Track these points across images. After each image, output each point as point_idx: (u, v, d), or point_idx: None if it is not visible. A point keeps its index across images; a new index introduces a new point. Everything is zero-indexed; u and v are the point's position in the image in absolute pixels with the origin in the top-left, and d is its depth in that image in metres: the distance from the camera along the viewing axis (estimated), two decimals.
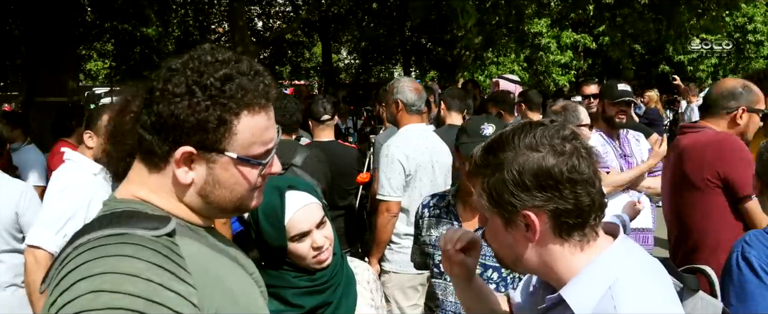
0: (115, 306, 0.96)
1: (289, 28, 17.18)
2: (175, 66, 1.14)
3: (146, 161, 1.17)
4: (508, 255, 1.26)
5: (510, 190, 1.16)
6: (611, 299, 1.13)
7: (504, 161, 1.17)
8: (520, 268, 1.28)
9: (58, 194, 2.89)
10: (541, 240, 1.19)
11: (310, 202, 1.75)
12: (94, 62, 24.42)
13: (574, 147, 1.16)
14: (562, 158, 1.15)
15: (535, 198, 1.15)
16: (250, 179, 1.18)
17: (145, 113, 1.15)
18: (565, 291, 1.19)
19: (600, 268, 1.18)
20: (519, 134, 1.19)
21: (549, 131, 1.18)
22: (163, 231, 1.09)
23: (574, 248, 1.20)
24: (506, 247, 1.25)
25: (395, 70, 25.82)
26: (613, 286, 1.15)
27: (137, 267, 1.00)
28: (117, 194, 1.20)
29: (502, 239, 1.24)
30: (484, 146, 1.25)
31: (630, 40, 15.03)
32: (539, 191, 1.14)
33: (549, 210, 1.15)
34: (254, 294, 1.26)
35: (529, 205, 1.16)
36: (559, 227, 1.17)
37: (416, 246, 2.61)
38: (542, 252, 1.21)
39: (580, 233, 1.19)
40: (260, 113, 1.16)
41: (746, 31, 22.85)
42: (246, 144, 1.15)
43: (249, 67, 1.16)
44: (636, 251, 1.26)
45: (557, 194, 1.14)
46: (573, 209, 1.15)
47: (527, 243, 1.20)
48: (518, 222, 1.19)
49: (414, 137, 3.71)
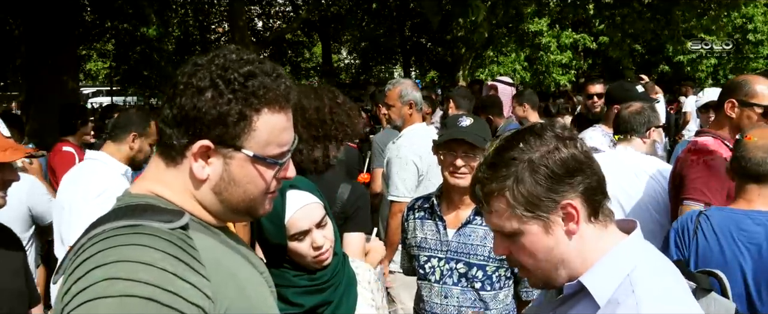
0: (129, 293, 0.96)
1: (289, 28, 17.21)
2: (201, 62, 1.16)
3: (164, 155, 1.19)
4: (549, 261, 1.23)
5: (545, 186, 1.18)
6: (630, 285, 1.16)
7: (522, 165, 1.19)
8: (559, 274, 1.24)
9: (97, 197, 2.93)
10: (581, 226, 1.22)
11: (311, 202, 1.75)
12: (94, 62, 24.42)
13: (572, 134, 1.24)
14: (570, 141, 1.21)
15: (568, 185, 1.19)
16: (266, 180, 1.19)
17: (167, 106, 1.16)
18: (585, 277, 1.21)
19: (620, 256, 1.21)
20: (521, 137, 1.22)
21: (546, 126, 1.24)
22: (177, 224, 1.10)
23: (598, 230, 1.24)
24: (547, 253, 1.22)
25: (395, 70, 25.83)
26: (631, 274, 1.18)
27: (152, 257, 1.01)
28: (131, 189, 1.21)
29: (542, 246, 1.22)
30: (487, 163, 1.24)
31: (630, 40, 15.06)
32: (570, 177, 1.19)
33: (581, 192, 1.20)
34: (265, 292, 1.27)
35: (567, 193, 1.19)
36: (593, 205, 1.22)
37: (404, 251, 2.60)
38: (578, 242, 1.22)
39: (603, 213, 1.24)
40: (280, 113, 1.18)
41: (746, 31, 22.84)
42: (263, 143, 1.16)
43: (272, 68, 1.18)
44: (650, 246, 1.30)
45: (583, 174, 1.20)
46: (597, 185, 1.22)
47: (569, 239, 1.22)
48: (556, 218, 1.20)
49: (420, 136, 3.73)
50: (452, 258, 2.35)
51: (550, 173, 1.18)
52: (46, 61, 8.31)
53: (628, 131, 3.23)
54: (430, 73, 22.92)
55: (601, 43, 19.95)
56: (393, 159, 3.70)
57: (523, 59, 20.17)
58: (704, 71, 23.40)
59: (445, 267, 2.35)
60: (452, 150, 2.30)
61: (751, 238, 2.10)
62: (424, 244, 2.42)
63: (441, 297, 2.35)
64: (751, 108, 2.72)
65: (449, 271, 2.34)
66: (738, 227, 2.13)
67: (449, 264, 2.35)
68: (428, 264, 2.39)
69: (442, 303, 2.35)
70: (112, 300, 0.96)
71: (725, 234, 2.16)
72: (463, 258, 2.33)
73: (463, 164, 2.28)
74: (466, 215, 2.37)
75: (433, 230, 2.41)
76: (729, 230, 2.15)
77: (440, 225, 2.39)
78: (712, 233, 2.19)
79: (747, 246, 2.10)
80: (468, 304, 2.32)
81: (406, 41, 21.47)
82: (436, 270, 2.37)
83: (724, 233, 2.16)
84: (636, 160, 3.16)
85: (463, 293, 2.33)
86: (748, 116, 2.73)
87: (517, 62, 19.81)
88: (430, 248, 2.40)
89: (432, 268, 2.38)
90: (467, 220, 2.35)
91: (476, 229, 2.34)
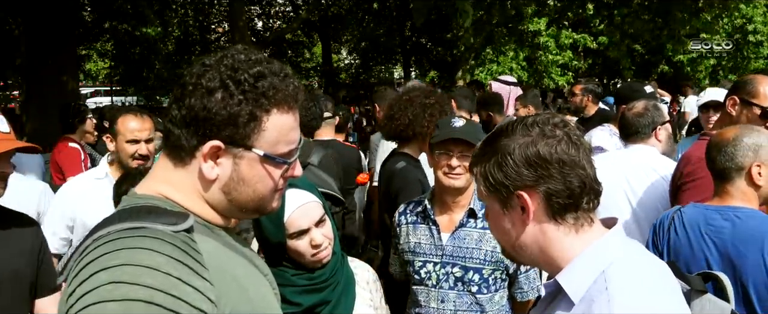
0: (133, 297, 0.97)
1: (289, 28, 17.21)
2: (209, 62, 1.16)
3: (172, 156, 1.19)
4: (507, 241, 1.31)
5: (503, 171, 1.24)
6: (604, 281, 1.16)
7: (498, 147, 1.26)
8: (519, 255, 1.31)
9: None
10: (536, 221, 1.24)
11: (310, 200, 1.76)
12: (93, 62, 24.42)
13: (564, 133, 1.24)
14: (551, 140, 1.22)
15: (526, 178, 1.22)
16: (274, 178, 1.20)
17: (175, 107, 1.16)
18: (561, 276, 1.22)
19: (595, 253, 1.22)
20: (513, 124, 1.28)
21: (541, 119, 1.26)
22: (182, 227, 1.10)
23: (568, 230, 1.24)
24: (505, 232, 1.30)
25: (395, 70, 25.84)
26: (606, 270, 1.18)
27: (157, 260, 1.02)
28: (138, 189, 1.21)
29: (500, 223, 1.30)
30: (484, 139, 1.34)
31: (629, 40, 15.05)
32: (529, 170, 1.21)
33: (541, 190, 1.22)
34: (268, 295, 1.28)
35: (521, 185, 1.22)
36: (551, 207, 1.22)
37: (395, 256, 2.57)
38: (538, 235, 1.25)
39: (574, 216, 1.23)
40: (288, 113, 1.19)
41: (746, 32, 22.83)
42: (272, 142, 1.17)
43: (280, 68, 1.19)
44: (635, 243, 1.30)
45: (546, 174, 1.21)
46: (563, 189, 1.21)
47: (524, 225, 1.25)
48: (514, 204, 1.25)
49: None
50: (448, 262, 2.33)
51: (512, 161, 1.23)
52: (46, 61, 8.32)
53: (633, 134, 3.23)
54: (430, 74, 22.92)
55: (600, 44, 19.94)
56: (377, 151, 3.95)
57: (523, 59, 20.16)
58: (704, 71, 23.40)
59: (440, 271, 2.33)
60: (448, 150, 2.29)
61: (717, 233, 2.14)
62: (418, 249, 2.39)
63: (438, 302, 2.33)
64: (750, 108, 2.71)
65: (445, 275, 2.33)
66: (706, 222, 2.18)
67: (445, 268, 2.33)
68: (424, 269, 2.37)
69: (438, 307, 2.33)
70: (116, 304, 0.96)
71: (694, 228, 2.20)
72: (458, 262, 2.32)
73: (458, 164, 2.27)
74: (459, 218, 2.35)
75: (426, 234, 2.39)
76: (698, 224, 2.19)
77: (434, 229, 2.37)
78: (682, 228, 2.24)
79: (713, 240, 2.14)
80: (465, 308, 2.31)
81: (406, 41, 21.46)
82: (431, 274, 2.35)
83: (693, 228, 2.20)
84: (648, 159, 3.15)
85: (459, 297, 2.31)
86: (746, 115, 2.71)
87: (516, 62, 19.80)
88: (424, 253, 2.38)
89: (428, 273, 2.36)
90: (461, 223, 2.34)
91: (471, 232, 2.33)
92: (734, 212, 2.13)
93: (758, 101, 2.69)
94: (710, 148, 2.23)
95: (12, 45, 13.08)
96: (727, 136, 2.19)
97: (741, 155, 2.13)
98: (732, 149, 2.15)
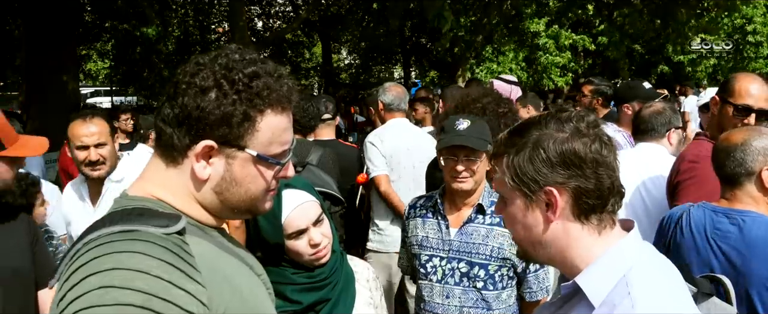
0: (124, 302, 0.96)
1: (289, 28, 17.18)
2: (203, 61, 1.15)
3: (164, 156, 1.18)
4: (526, 238, 1.28)
5: (534, 166, 1.20)
6: (625, 286, 1.15)
7: (530, 140, 1.22)
8: (537, 254, 1.29)
9: None
10: (561, 219, 1.22)
11: (307, 200, 1.76)
12: (94, 62, 24.41)
13: (596, 133, 1.22)
14: (586, 139, 1.20)
15: (559, 175, 1.19)
16: (266, 179, 1.20)
17: (167, 105, 1.15)
18: (580, 278, 1.20)
19: (615, 257, 1.20)
20: (546, 118, 1.25)
21: (574, 117, 1.23)
22: (173, 229, 1.09)
23: (591, 232, 1.22)
24: (526, 229, 1.26)
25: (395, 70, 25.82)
26: (627, 274, 1.17)
27: (148, 264, 1.01)
28: (129, 191, 1.20)
29: (522, 219, 1.26)
30: (511, 129, 1.30)
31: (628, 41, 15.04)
32: (563, 168, 1.19)
33: (571, 188, 1.19)
34: (262, 294, 1.27)
35: (552, 181, 1.20)
36: (579, 207, 1.20)
37: (404, 249, 2.58)
38: (561, 234, 1.23)
39: (598, 217, 1.21)
40: (282, 113, 1.18)
41: (746, 32, 22.84)
42: (266, 143, 1.17)
43: (274, 68, 1.18)
44: (649, 246, 1.29)
45: (579, 173, 1.19)
46: (594, 189, 1.19)
47: (547, 224, 1.23)
48: (540, 200, 1.22)
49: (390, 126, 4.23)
50: (454, 257, 2.33)
51: (546, 156, 1.19)
52: (46, 61, 8.32)
53: (649, 131, 3.21)
54: (430, 73, 22.92)
55: (599, 44, 19.94)
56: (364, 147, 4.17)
57: (522, 59, 20.16)
58: (704, 72, 23.41)
59: (446, 266, 2.33)
60: (453, 155, 2.28)
61: (724, 237, 2.12)
62: (425, 243, 2.40)
63: (443, 297, 2.32)
64: (726, 106, 2.68)
65: (451, 271, 2.32)
66: (713, 225, 2.15)
67: (451, 263, 2.33)
68: (430, 264, 2.37)
69: (443, 303, 2.32)
70: (106, 308, 0.95)
71: (700, 231, 2.18)
72: (464, 257, 2.31)
73: (463, 168, 2.27)
74: (468, 214, 2.35)
75: (435, 229, 2.39)
76: (704, 227, 2.17)
77: (442, 224, 2.38)
78: (688, 229, 2.22)
79: (719, 244, 2.12)
80: (470, 304, 2.30)
81: (406, 41, 21.45)
82: (437, 269, 2.35)
83: (699, 231, 2.18)
84: (659, 157, 3.14)
85: (465, 293, 2.30)
86: (724, 113, 2.69)
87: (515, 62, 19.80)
88: (431, 247, 2.38)
89: (433, 268, 2.36)
90: (469, 218, 2.34)
91: (478, 228, 2.33)
92: (742, 216, 2.10)
93: (733, 99, 2.66)
94: (718, 152, 2.19)
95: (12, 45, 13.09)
96: (736, 140, 2.15)
97: (751, 160, 2.10)
98: (741, 154, 2.11)
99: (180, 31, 19.26)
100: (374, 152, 4.09)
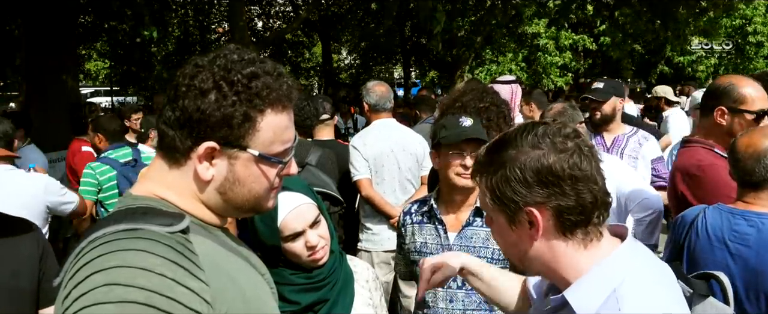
0: (128, 299, 0.97)
1: (289, 28, 17.17)
2: (202, 63, 1.16)
3: (167, 157, 1.19)
4: (514, 254, 1.28)
5: (512, 187, 1.18)
6: (616, 301, 1.13)
7: (506, 159, 1.19)
8: (527, 268, 1.29)
9: None
10: (545, 237, 1.20)
11: (303, 202, 1.76)
12: (94, 62, 24.41)
13: (576, 145, 1.18)
14: (564, 155, 1.16)
15: (537, 194, 1.16)
16: (269, 178, 1.21)
17: (168, 108, 1.16)
18: (569, 292, 1.19)
19: (605, 270, 1.18)
20: (521, 133, 1.21)
21: (551, 130, 1.20)
22: (177, 228, 1.10)
23: (577, 246, 1.20)
24: (512, 245, 1.26)
25: (395, 70, 25.82)
26: (618, 288, 1.14)
27: (151, 262, 1.01)
28: (133, 191, 1.21)
29: (507, 237, 1.26)
30: (488, 145, 1.27)
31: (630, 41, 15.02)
32: (541, 187, 1.16)
33: (551, 207, 1.17)
34: (265, 294, 1.27)
35: (532, 201, 1.17)
36: (562, 224, 1.18)
37: (400, 256, 2.55)
38: (546, 250, 1.21)
39: (584, 231, 1.19)
40: (283, 112, 1.19)
41: (746, 32, 22.83)
42: (267, 142, 1.17)
43: (273, 67, 1.19)
44: (643, 253, 1.25)
45: (558, 191, 1.16)
46: (575, 205, 1.16)
47: (532, 241, 1.21)
48: (522, 219, 1.20)
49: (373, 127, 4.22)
50: None
51: (522, 177, 1.17)
52: (46, 61, 8.31)
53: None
54: (430, 74, 22.91)
55: (601, 44, 19.93)
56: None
57: (522, 60, 20.17)
58: (704, 72, 23.39)
59: None
60: (461, 150, 2.26)
61: (741, 239, 2.10)
62: (424, 249, 2.37)
63: (446, 302, 2.30)
64: (741, 115, 2.62)
65: None
66: (731, 227, 2.14)
67: None
68: None
69: (447, 307, 2.30)
70: (111, 305, 0.96)
71: (717, 233, 2.16)
72: None
73: (472, 163, 2.26)
74: (465, 217, 2.33)
75: (433, 234, 2.37)
76: (721, 230, 2.15)
77: (440, 229, 2.35)
78: (704, 231, 2.20)
79: (737, 247, 2.10)
80: (473, 307, 2.28)
81: (406, 41, 21.45)
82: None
83: (715, 233, 2.17)
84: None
85: (467, 296, 2.28)
86: (739, 123, 2.63)
87: (515, 63, 19.80)
88: (431, 252, 2.34)
89: None
90: (468, 222, 2.32)
91: (477, 231, 2.30)
92: (760, 218, 2.09)
93: (747, 107, 2.61)
94: (745, 159, 2.14)
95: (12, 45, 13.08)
96: (763, 145, 2.12)
97: None
98: None
99: (180, 32, 19.26)
100: (356, 156, 4.07)
